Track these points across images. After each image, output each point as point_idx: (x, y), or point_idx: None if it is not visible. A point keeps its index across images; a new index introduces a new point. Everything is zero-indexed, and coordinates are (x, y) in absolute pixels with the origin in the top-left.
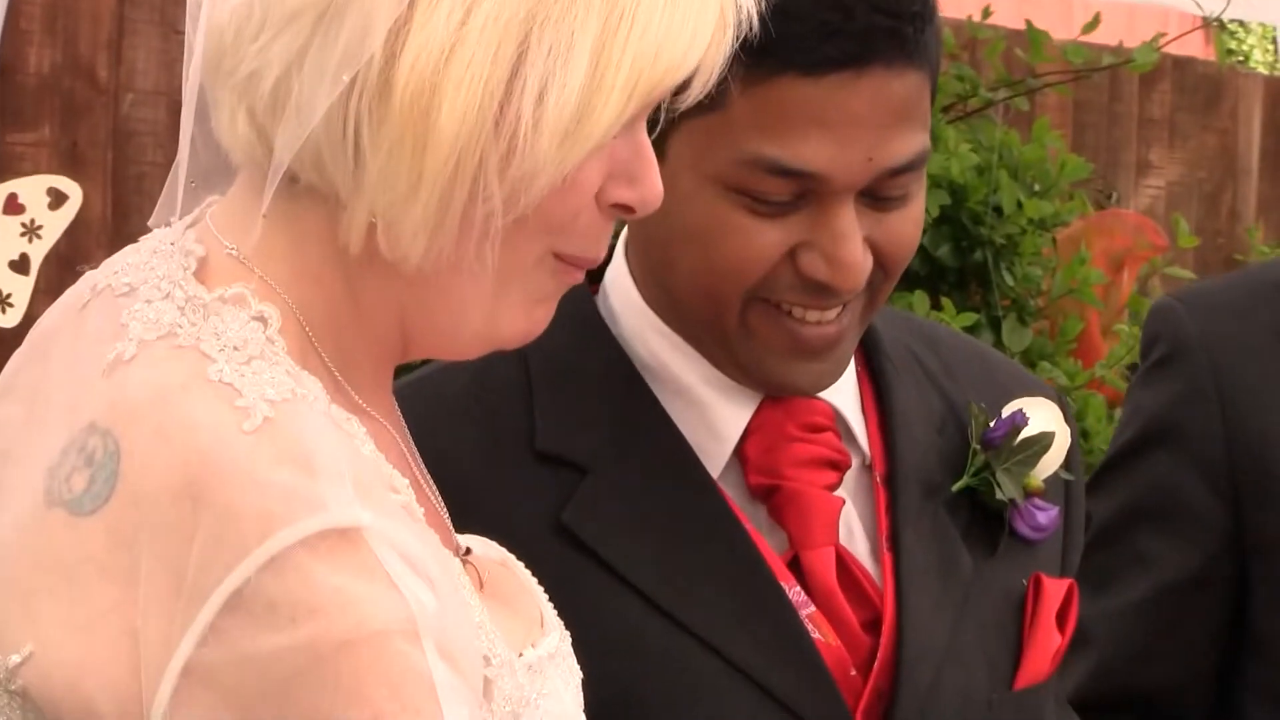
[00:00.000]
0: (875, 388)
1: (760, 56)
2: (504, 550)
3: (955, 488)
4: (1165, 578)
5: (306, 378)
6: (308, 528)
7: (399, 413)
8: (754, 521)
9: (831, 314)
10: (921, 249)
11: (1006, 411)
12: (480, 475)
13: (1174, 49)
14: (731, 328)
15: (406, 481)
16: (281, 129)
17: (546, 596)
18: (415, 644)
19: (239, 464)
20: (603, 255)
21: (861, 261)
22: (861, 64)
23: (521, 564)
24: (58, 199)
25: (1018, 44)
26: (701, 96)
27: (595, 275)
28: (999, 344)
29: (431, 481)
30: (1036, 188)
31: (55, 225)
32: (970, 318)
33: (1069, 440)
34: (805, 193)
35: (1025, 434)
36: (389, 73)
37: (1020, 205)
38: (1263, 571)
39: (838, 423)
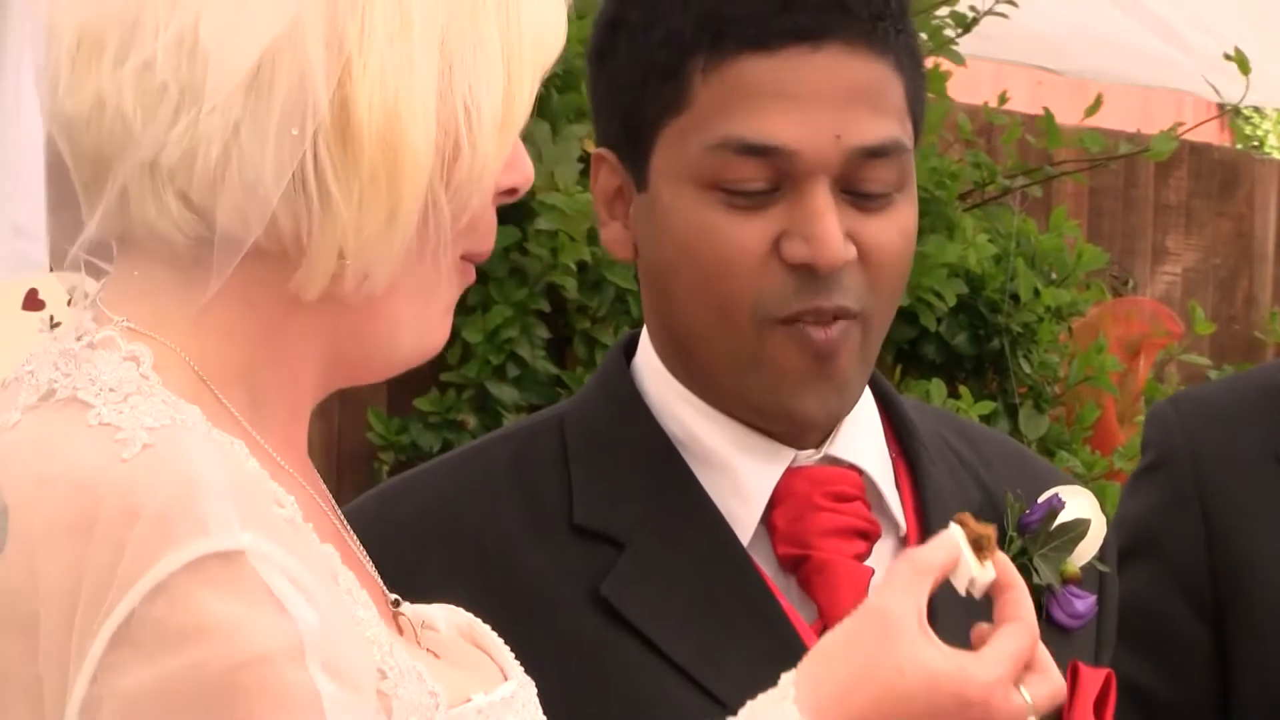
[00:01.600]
0: (911, 472)
1: (717, 42)
2: (470, 616)
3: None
4: (1153, 705)
5: (184, 405)
6: (190, 554)
7: (309, 463)
8: (785, 592)
9: (833, 328)
10: (938, 337)
11: (1043, 497)
12: (521, 547)
13: (1190, 134)
14: (742, 347)
15: (292, 499)
16: (224, 202)
17: (513, 654)
18: (301, 664)
19: (119, 493)
20: (491, 248)
21: (838, 237)
22: (816, 38)
23: (488, 627)
24: None
25: (1034, 128)
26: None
27: (631, 357)
28: (1016, 431)
29: (349, 529)
30: (1054, 276)
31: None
32: (987, 405)
33: (1104, 529)
34: (780, 181)
35: (1061, 519)
36: (344, 115)
37: (1037, 293)
38: (1243, 695)
39: (869, 493)
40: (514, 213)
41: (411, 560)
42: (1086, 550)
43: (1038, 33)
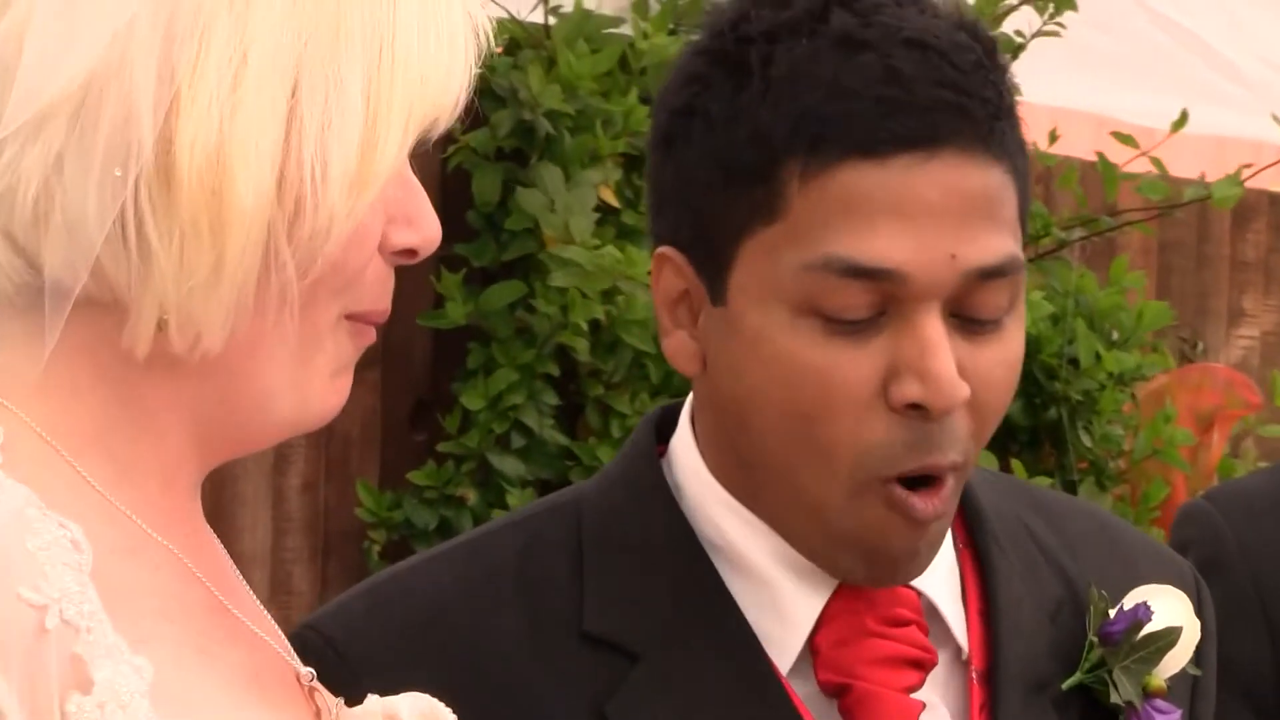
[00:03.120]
0: (979, 570)
1: (817, 145)
2: (434, 701)
3: (1066, 685)
4: None
5: (12, 486)
6: None
7: (206, 532)
8: None
9: (938, 495)
10: None
11: (1129, 603)
12: (522, 657)
13: (1270, 184)
14: (833, 497)
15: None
16: (49, 245)
17: None
18: None
19: None
20: (389, 308)
21: (954, 374)
22: (931, 145)
23: (450, 712)
24: None
25: (1094, 173)
26: (451, 124)
27: (663, 436)
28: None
29: (252, 599)
30: (1116, 337)
31: None
32: (1044, 482)
33: (1199, 634)
34: (885, 305)
35: (1148, 629)
36: (168, 157)
37: (1099, 358)
38: None
39: (926, 614)
40: (520, 267)
41: (399, 670)
42: (1177, 659)
43: (1096, 75)
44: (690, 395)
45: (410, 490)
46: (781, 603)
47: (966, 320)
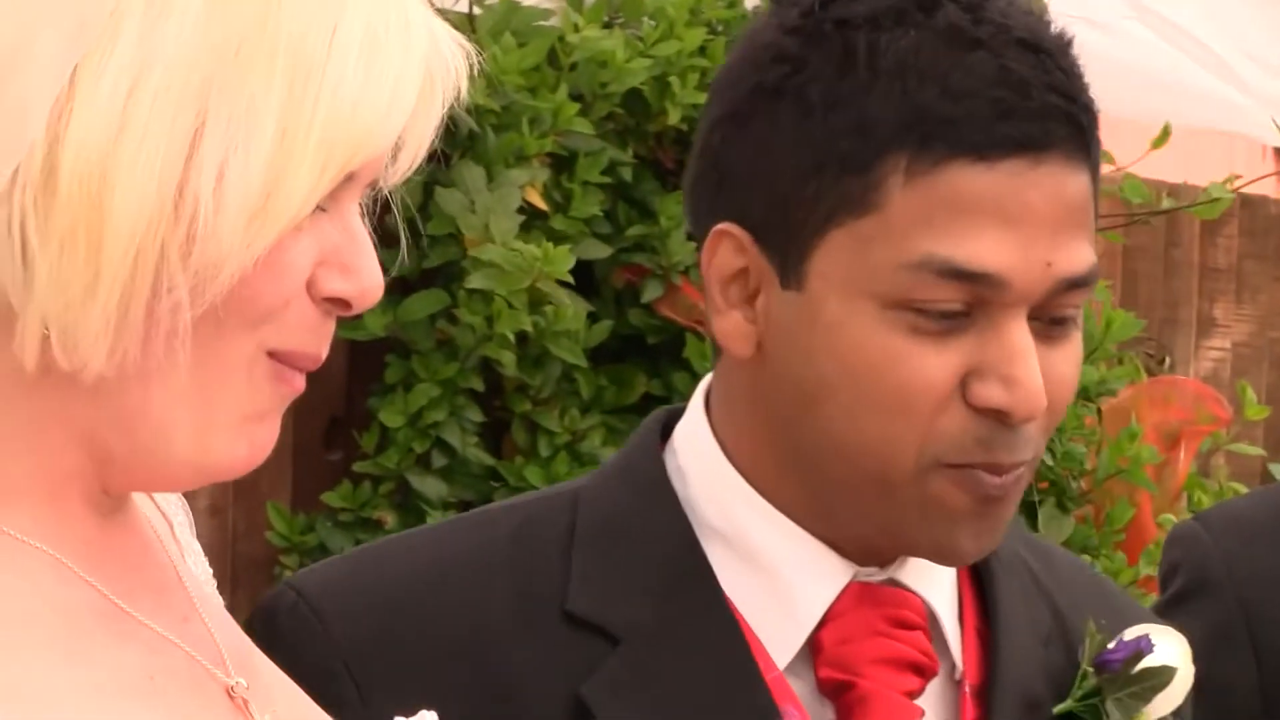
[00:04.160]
0: (977, 589)
1: (926, 143)
2: None
3: (1057, 710)
4: None
5: None
6: None
7: (117, 540)
8: None
9: (1008, 475)
10: None
11: (1130, 634)
12: (501, 636)
13: (1243, 185)
14: (898, 481)
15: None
16: None
17: None
18: None
19: None
20: (324, 353)
21: (1040, 384)
22: (1040, 150)
23: None
24: None
25: None
26: (410, 171)
27: (666, 435)
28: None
29: (186, 604)
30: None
31: None
32: None
33: (1190, 680)
34: (974, 307)
35: (1146, 663)
36: (53, 159)
37: None
38: None
39: (930, 623)
40: (442, 275)
41: (376, 638)
42: (1166, 702)
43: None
44: (701, 388)
45: (324, 513)
46: (787, 595)
47: (1044, 322)
